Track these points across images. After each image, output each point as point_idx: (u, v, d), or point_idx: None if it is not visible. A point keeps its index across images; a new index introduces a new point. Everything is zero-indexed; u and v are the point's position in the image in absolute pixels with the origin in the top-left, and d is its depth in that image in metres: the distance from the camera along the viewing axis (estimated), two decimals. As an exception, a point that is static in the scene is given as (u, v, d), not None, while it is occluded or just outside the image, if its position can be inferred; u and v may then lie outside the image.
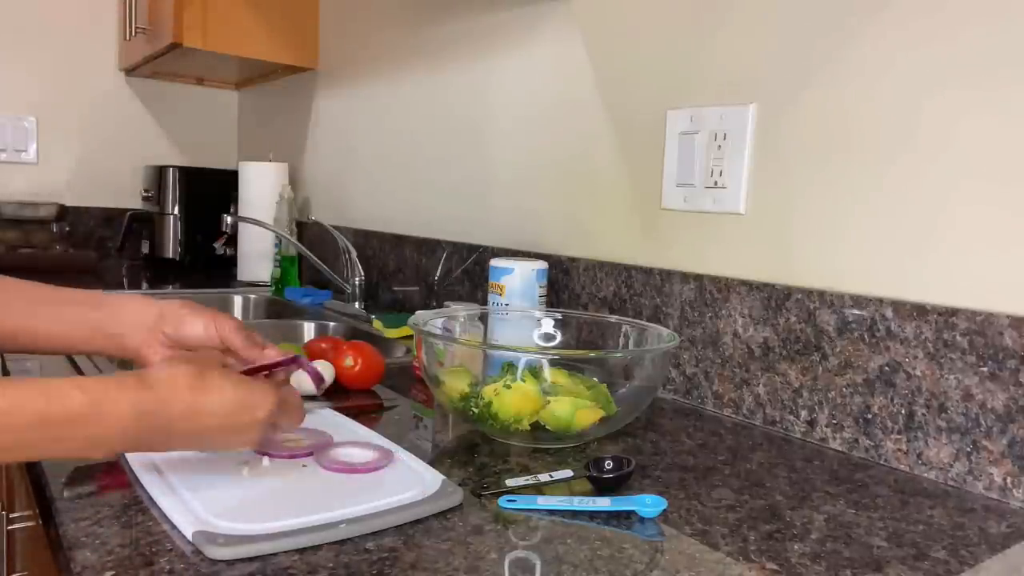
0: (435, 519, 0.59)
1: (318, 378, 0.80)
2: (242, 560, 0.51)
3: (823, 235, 0.87)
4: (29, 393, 0.51)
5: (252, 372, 0.68)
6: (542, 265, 1.11)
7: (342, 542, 0.54)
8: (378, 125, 1.77)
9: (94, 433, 0.53)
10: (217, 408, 0.58)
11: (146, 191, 2.25)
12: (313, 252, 1.76)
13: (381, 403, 0.95)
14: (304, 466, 0.67)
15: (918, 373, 0.76)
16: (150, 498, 0.59)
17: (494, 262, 1.11)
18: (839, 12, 0.84)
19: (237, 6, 1.88)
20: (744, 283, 0.93)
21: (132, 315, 0.73)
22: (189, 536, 0.53)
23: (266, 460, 0.67)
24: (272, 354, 0.73)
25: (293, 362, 0.70)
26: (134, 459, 0.65)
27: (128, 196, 2.38)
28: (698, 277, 0.99)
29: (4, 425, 0.50)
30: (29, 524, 0.95)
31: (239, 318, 1.80)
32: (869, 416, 0.81)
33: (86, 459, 0.54)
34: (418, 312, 0.94)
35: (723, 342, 0.96)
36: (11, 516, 1.01)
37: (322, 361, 0.95)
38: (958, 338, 0.73)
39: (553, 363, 0.83)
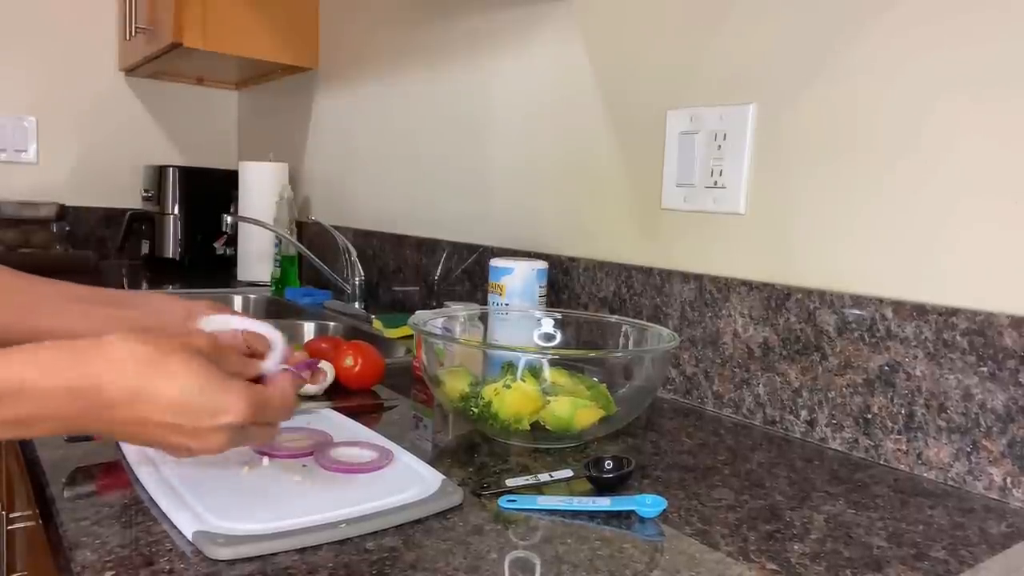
0: (435, 519, 0.59)
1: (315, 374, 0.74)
2: (242, 560, 0.51)
3: (823, 235, 0.87)
4: None
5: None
6: (542, 265, 1.11)
7: (342, 542, 0.54)
8: (378, 125, 1.77)
9: (17, 414, 0.47)
10: (171, 399, 0.49)
11: (146, 191, 2.25)
12: (313, 252, 1.76)
13: (381, 403, 0.95)
14: (304, 466, 0.67)
15: (918, 373, 0.76)
16: (150, 498, 0.59)
17: (494, 262, 1.11)
18: (839, 12, 0.84)
19: (237, 6, 1.88)
20: (744, 283, 0.93)
21: (161, 314, 0.72)
22: (189, 536, 0.53)
23: (266, 460, 0.67)
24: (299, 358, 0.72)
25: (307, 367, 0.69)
26: (134, 459, 0.65)
27: (128, 196, 2.38)
28: (698, 277, 0.99)
29: None
30: (29, 524, 0.95)
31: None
32: (869, 416, 0.81)
33: (21, 437, 0.51)
34: (418, 312, 0.94)
35: (723, 342, 0.96)
36: (11, 516, 1.01)
37: (322, 361, 0.95)
38: (958, 338, 0.73)
39: (553, 363, 0.83)
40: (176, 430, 0.51)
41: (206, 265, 2.19)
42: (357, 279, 1.62)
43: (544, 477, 0.69)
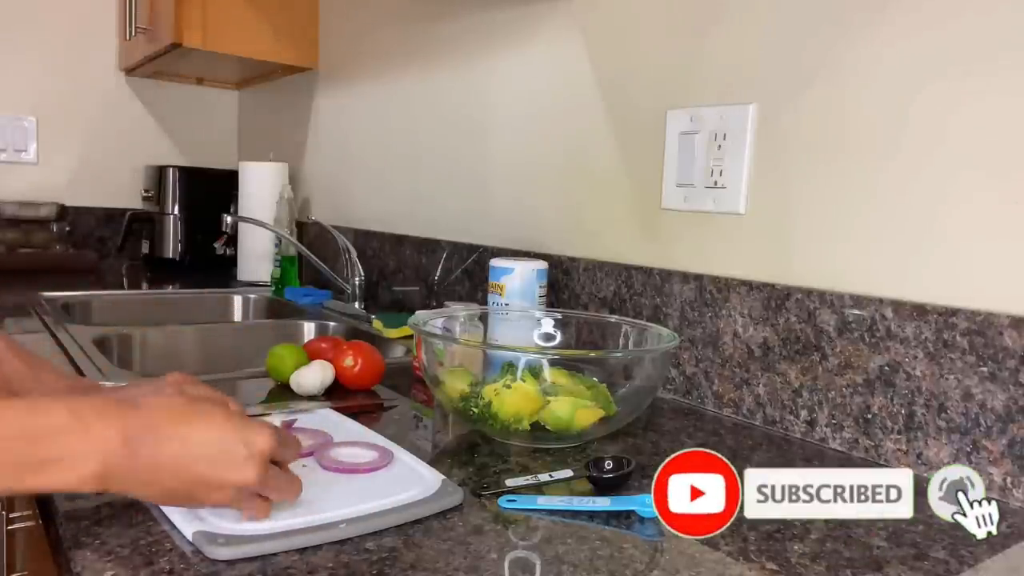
0: (435, 519, 0.59)
1: None
2: (242, 560, 0.51)
3: (823, 235, 0.87)
4: (13, 407, 0.50)
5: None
6: (542, 265, 1.11)
7: (342, 542, 0.54)
8: (378, 125, 1.77)
9: (78, 450, 0.49)
10: (209, 437, 0.53)
11: (146, 191, 2.24)
12: (313, 252, 1.76)
13: (381, 403, 0.95)
14: (304, 466, 0.66)
15: (918, 373, 0.76)
16: (150, 498, 0.59)
17: (494, 262, 1.11)
18: (839, 11, 0.84)
19: (237, 6, 1.88)
20: (744, 283, 0.93)
21: None
22: (189, 536, 0.53)
23: (266, 460, 0.67)
24: None
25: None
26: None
27: (128, 196, 2.38)
28: (698, 277, 0.99)
29: None
30: (29, 524, 0.95)
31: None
32: (869, 416, 0.81)
33: (72, 490, 0.51)
34: (418, 312, 0.94)
35: (723, 342, 0.96)
36: (11, 516, 1.01)
37: (322, 361, 0.95)
38: (958, 338, 0.73)
39: (553, 363, 0.83)
40: (216, 461, 0.53)
41: (206, 265, 2.19)
42: (357, 279, 1.61)
43: (544, 477, 0.69)
